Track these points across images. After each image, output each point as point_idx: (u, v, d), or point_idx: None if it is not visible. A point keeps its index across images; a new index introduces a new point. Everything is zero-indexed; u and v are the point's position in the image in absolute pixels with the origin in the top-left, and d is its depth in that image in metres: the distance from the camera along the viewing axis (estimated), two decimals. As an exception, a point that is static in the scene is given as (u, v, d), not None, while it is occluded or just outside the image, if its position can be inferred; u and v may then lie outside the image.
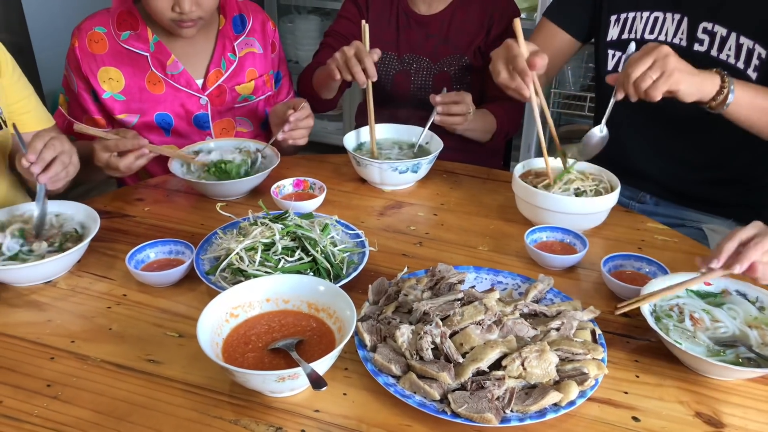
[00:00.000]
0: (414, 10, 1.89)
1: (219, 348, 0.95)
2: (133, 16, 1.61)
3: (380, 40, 1.87)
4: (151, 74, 1.63)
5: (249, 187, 1.51)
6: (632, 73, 1.20)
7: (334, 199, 1.50)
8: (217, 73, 1.69)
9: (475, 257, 1.30)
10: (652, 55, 1.19)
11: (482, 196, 1.54)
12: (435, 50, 1.87)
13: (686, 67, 1.21)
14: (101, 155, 1.41)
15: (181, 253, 1.23)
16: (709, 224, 1.59)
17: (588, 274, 1.25)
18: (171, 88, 1.65)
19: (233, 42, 1.71)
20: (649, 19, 1.52)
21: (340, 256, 1.20)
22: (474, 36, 1.85)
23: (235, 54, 1.71)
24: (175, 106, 1.66)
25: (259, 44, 1.77)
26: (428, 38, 1.87)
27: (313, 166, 1.68)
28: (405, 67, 1.89)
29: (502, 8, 1.85)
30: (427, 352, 0.95)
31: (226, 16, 1.71)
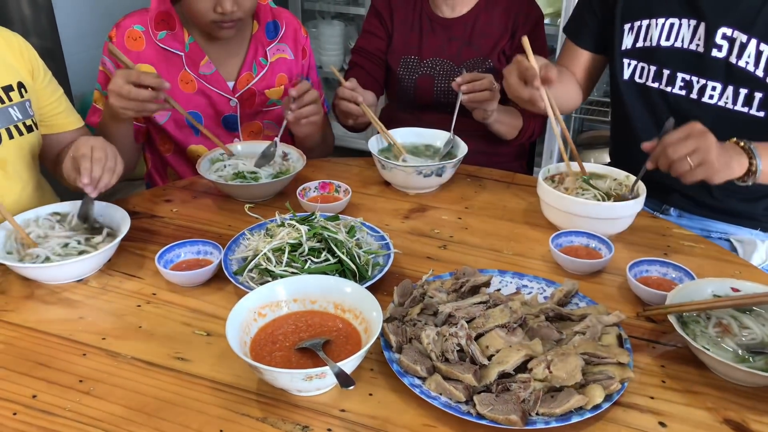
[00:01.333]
0: (437, 14, 1.90)
1: (247, 347, 0.97)
2: (170, 17, 1.64)
3: (404, 44, 1.91)
4: (183, 73, 1.66)
5: (275, 190, 1.52)
6: (671, 155, 1.19)
7: (359, 202, 1.51)
8: (248, 77, 1.72)
9: (499, 261, 1.30)
10: (694, 140, 1.18)
11: (506, 201, 1.54)
12: (458, 53, 1.87)
13: (721, 153, 1.20)
14: (117, 80, 1.39)
15: (209, 253, 1.25)
16: (736, 235, 1.57)
17: (613, 279, 1.24)
18: (202, 88, 1.68)
19: (266, 47, 1.74)
20: (664, 25, 1.50)
21: (366, 257, 1.21)
22: (498, 39, 1.86)
23: (266, 59, 1.74)
24: (206, 106, 1.69)
25: (291, 50, 1.79)
26: (451, 41, 1.88)
27: (338, 169, 1.69)
28: (428, 71, 1.89)
29: (527, 12, 1.86)
30: (453, 354, 0.96)
31: (259, 21, 1.74)
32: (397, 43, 1.92)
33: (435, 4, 1.90)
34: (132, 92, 1.38)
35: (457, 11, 1.88)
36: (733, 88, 1.43)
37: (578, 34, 1.71)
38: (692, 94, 1.48)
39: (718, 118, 1.44)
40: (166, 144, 1.76)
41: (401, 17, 1.92)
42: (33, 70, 1.48)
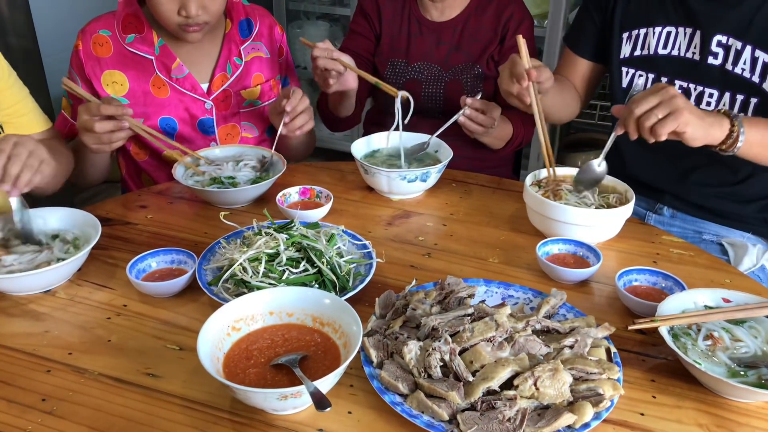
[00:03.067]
0: (426, 17, 1.85)
1: (220, 363, 0.92)
2: (138, 19, 1.59)
3: (391, 47, 1.86)
4: (155, 78, 1.60)
5: (254, 196, 1.48)
6: (636, 110, 1.16)
7: (341, 207, 1.47)
8: (222, 78, 1.67)
9: (485, 269, 1.26)
10: (658, 95, 1.16)
11: (492, 206, 1.51)
12: (447, 58, 1.83)
13: (694, 109, 1.18)
14: (82, 116, 1.37)
15: (183, 262, 1.20)
16: (728, 238, 1.54)
17: (602, 288, 1.21)
18: (176, 92, 1.62)
19: (239, 46, 1.69)
20: (661, 34, 1.49)
21: (347, 267, 1.16)
22: (487, 44, 1.81)
23: (241, 58, 1.69)
24: (180, 110, 1.64)
25: (266, 48, 1.74)
26: (440, 45, 1.84)
27: (320, 174, 1.65)
28: (416, 75, 1.85)
29: (517, 16, 1.81)
30: (436, 369, 0.92)
31: (232, 20, 1.69)
32: (385, 45, 1.88)
33: (424, 6, 1.85)
34: (96, 126, 1.36)
35: (447, 15, 1.84)
36: (729, 94, 1.42)
37: (577, 43, 1.70)
38: (690, 100, 1.45)
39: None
40: (140, 150, 1.70)
41: (389, 19, 1.88)
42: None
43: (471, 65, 1.82)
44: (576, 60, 1.70)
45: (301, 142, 1.71)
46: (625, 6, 1.56)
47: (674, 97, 1.15)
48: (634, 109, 1.17)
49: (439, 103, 1.84)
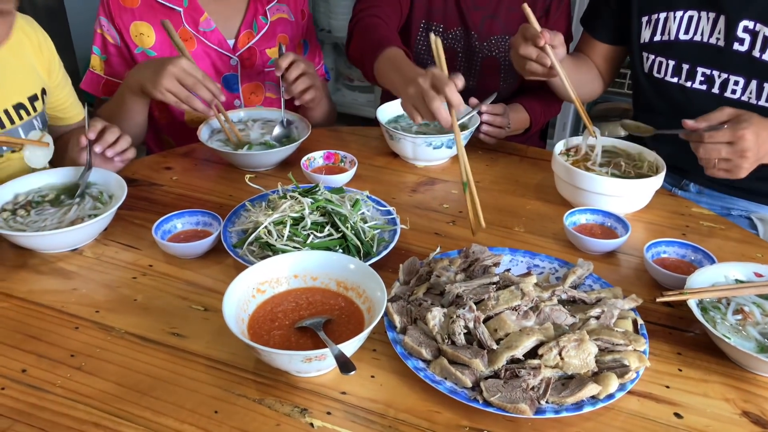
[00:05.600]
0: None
1: (245, 324, 0.92)
2: None
3: (427, 6, 1.70)
4: (182, 30, 1.59)
5: (279, 159, 1.47)
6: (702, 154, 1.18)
7: (365, 173, 1.46)
8: (248, 35, 1.65)
9: (510, 239, 1.25)
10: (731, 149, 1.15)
11: (519, 175, 1.49)
12: (482, 25, 1.70)
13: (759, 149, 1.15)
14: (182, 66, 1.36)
15: (208, 224, 1.21)
16: (757, 213, 1.51)
17: (629, 260, 1.19)
18: (202, 46, 1.62)
19: (265, 6, 1.67)
20: (683, 18, 1.42)
21: (371, 233, 1.16)
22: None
23: (267, 17, 1.67)
24: (206, 64, 1.63)
25: (291, 11, 1.72)
26: (476, 10, 1.69)
27: (345, 138, 1.64)
28: (451, 43, 1.72)
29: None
30: (460, 336, 0.91)
31: None
32: (420, 1, 1.69)
33: None
34: (196, 86, 1.36)
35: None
36: (757, 82, 1.36)
37: (594, 26, 1.63)
38: (714, 88, 1.41)
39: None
40: (163, 112, 1.70)
41: None
42: (50, 68, 1.45)
43: (509, 39, 1.70)
44: (595, 43, 1.64)
45: (316, 113, 1.68)
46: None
47: (741, 164, 1.15)
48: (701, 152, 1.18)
49: (474, 80, 1.74)
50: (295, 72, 1.50)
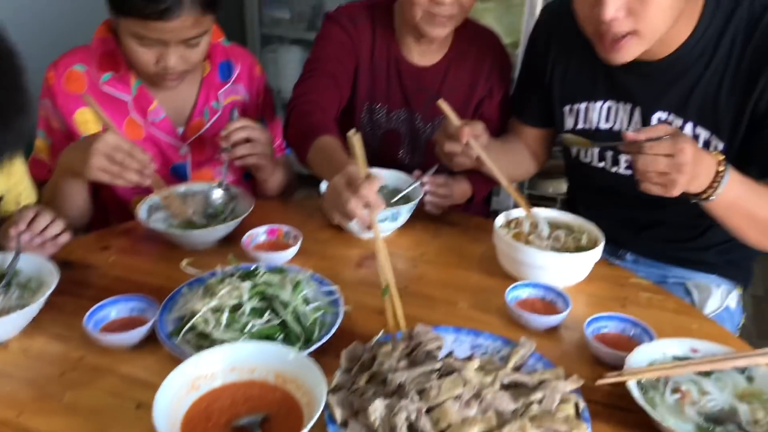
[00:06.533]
0: (407, 58, 1.69)
1: (178, 425, 0.89)
2: (115, 58, 1.55)
3: (370, 88, 1.70)
4: (130, 120, 1.57)
5: (219, 236, 1.44)
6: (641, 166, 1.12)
7: (310, 248, 1.44)
8: (199, 123, 1.64)
9: (455, 315, 1.24)
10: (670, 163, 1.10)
11: (464, 246, 1.49)
12: (425, 107, 1.69)
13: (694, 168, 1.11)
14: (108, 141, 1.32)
15: (144, 311, 1.17)
16: (692, 280, 1.55)
17: (571, 335, 1.20)
18: (151, 135, 1.59)
19: (218, 90, 1.66)
20: (602, 108, 1.45)
21: (313, 316, 1.14)
22: (468, 95, 1.70)
23: (219, 102, 1.66)
24: (154, 153, 1.59)
25: (246, 91, 1.72)
26: (420, 92, 1.69)
27: (290, 210, 1.62)
28: (395, 125, 1.73)
29: (500, 64, 1.70)
30: (402, 430, 0.89)
31: (211, 62, 1.66)
32: (363, 84, 1.69)
33: (406, 47, 1.68)
34: (125, 161, 1.32)
35: (428, 59, 1.68)
36: None
37: (521, 111, 1.65)
38: None
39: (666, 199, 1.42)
40: (108, 191, 1.64)
41: (367, 55, 1.68)
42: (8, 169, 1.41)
43: None
44: (524, 126, 1.65)
45: (270, 185, 1.66)
46: (562, 78, 1.50)
47: (676, 181, 1.11)
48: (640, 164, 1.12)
49: (419, 157, 1.75)
50: (238, 135, 1.48)
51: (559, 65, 1.50)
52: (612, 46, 1.25)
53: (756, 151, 1.26)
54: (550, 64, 1.52)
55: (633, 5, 1.18)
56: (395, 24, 1.67)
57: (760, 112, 1.28)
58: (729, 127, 1.22)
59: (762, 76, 1.25)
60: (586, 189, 1.61)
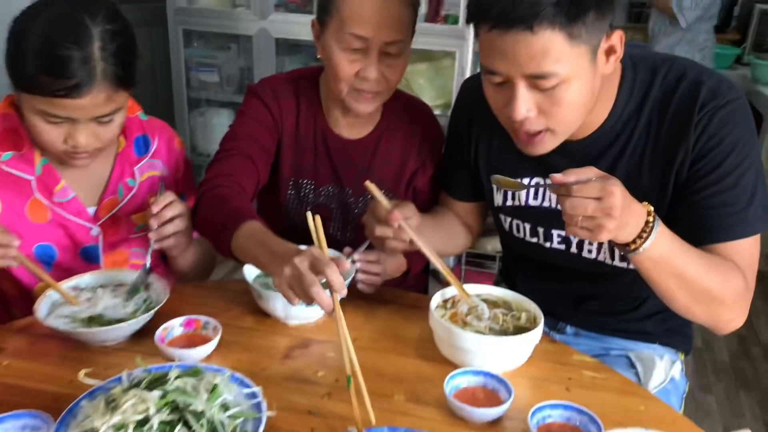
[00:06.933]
0: (335, 132, 1.61)
1: None
2: (17, 135, 1.42)
3: (296, 164, 1.62)
4: (33, 201, 1.43)
5: (131, 332, 1.31)
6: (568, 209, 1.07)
7: (231, 339, 1.33)
8: (112, 201, 1.52)
9: (390, 410, 1.15)
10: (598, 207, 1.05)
11: (400, 328, 1.41)
12: (356, 181, 1.61)
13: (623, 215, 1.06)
14: None
15: (38, 429, 1.02)
16: (635, 351, 1.51)
17: (515, 426, 1.12)
18: (57, 217, 1.45)
19: (134, 166, 1.55)
20: (529, 185, 1.41)
21: (232, 425, 1.02)
22: (400, 168, 1.63)
23: (134, 179, 1.55)
24: (61, 236, 1.46)
25: (164, 166, 1.61)
26: (350, 166, 1.62)
27: (210, 296, 1.50)
28: (324, 201, 1.65)
29: (432, 136, 1.64)
30: None
31: (127, 137, 1.55)
32: (286, 159, 1.61)
33: (333, 119, 1.60)
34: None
35: (357, 132, 1.61)
36: (608, 243, 1.35)
37: (450, 186, 1.61)
38: (572, 248, 1.42)
39: (600, 273, 1.41)
40: (7, 282, 1.49)
41: (292, 129, 1.59)
42: None
43: (386, 193, 1.57)
44: (454, 201, 1.61)
45: (182, 262, 1.54)
46: (487, 155, 1.45)
47: (602, 226, 1.05)
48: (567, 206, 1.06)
49: (350, 233, 1.68)
50: (170, 212, 1.38)
51: (483, 141, 1.46)
52: (527, 141, 1.24)
53: (681, 221, 1.24)
54: (474, 140, 1.49)
55: (544, 105, 1.17)
56: (321, 96, 1.62)
57: (680, 184, 1.27)
58: (654, 201, 1.20)
59: (680, 148, 1.24)
60: (521, 262, 1.57)
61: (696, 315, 1.24)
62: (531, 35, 1.08)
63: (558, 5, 1.05)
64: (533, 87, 1.15)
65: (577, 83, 1.15)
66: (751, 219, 1.22)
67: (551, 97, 1.15)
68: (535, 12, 1.05)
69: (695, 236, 1.21)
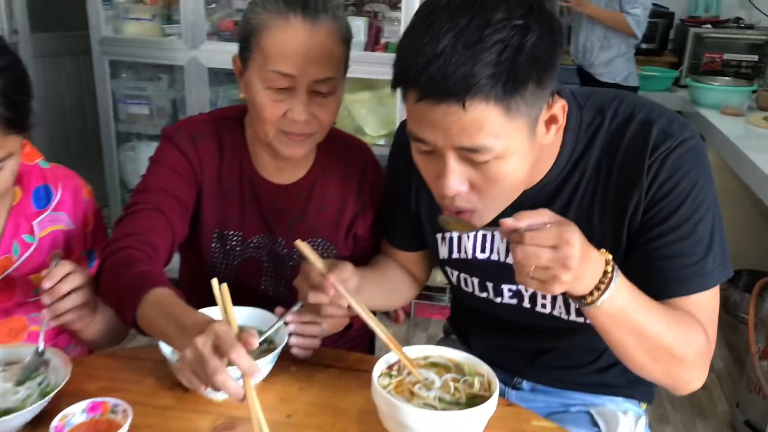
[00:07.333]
0: (264, 177, 1.45)
1: None
2: None
3: (220, 214, 1.44)
4: None
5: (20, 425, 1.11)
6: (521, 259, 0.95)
7: (146, 422, 1.14)
8: (5, 261, 1.33)
9: (328, 506, 0.99)
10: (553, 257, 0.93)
11: (340, 398, 1.25)
12: (289, 230, 1.46)
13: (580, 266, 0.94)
14: None
15: None
16: (597, 407, 1.39)
17: None
18: None
19: (32, 220, 1.36)
20: (477, 237, 1.30)
21: None
22: (338, 215, 1.48)
23: (33, 235, 1.36)
24: None
25: (69, 219, 1.43)
26: (281, 214, 1.46)
27: (122, 369, 1.30)
28: (254, 254, 1.48)
29: (372, 179, 1.49)
30: None
31: (24, 188, 1.36)
32: (208, 209, 1.43)
33: (261, 164, 1.44)
34: None
35: (289, 176, 1.45)
36: (563, 297, 1.25)
37: (391, 236, 1.47)
38: (524, 303, 1.31)
39: (556, 327, 1.30)
40: None
41: (213, 175, 1.42)
42: None
43: (323, 243, 1.48)
44: (396, 250, 1.47)
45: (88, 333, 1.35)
46: (430, 202, 1.27)
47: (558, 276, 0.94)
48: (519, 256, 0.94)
49: (284, 288, 1.51)
50: (67, 286, 1.20)
51: (424, 190, 1.31)
52: (455, 213, 1.11)
53: (635, 273, 1.14)
54: (415, 188, 1.36)
55: (477, 181, 1.05)
56: (247, 138, 1.46)
57: (633, 233, 1.16)
58: (609, 248, 1.09)
59: (633, 195, 1.13)
60: (473, 314, 1.44)
61: (653, 374, 1.13)
62: (462, 110, 0.95)
63: (494, 78, 0.92)
64: (465, 160, 1.02)
65: (514, 159, 1.02)
66: (709, 270, 1.11)
67: (485, 173, 1.03)
68: (467, 85, 0.92)
69: (651, 289, 1.10)
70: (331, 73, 1.29)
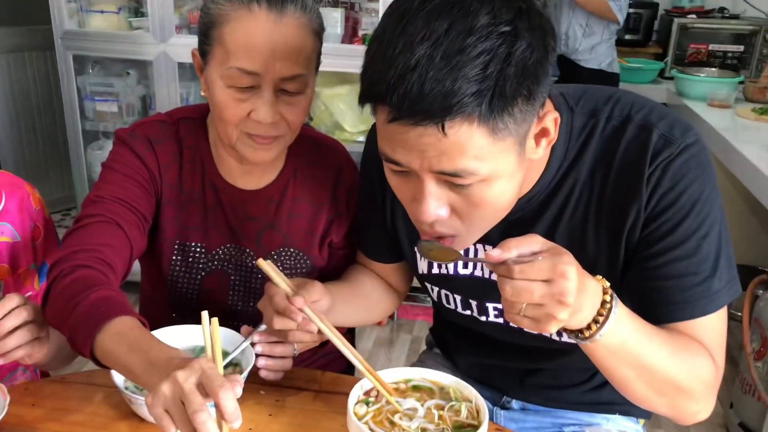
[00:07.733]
0: (229, 182, 1.33)
1: None
2: None
3: (180, 223, 1.32)
4: None
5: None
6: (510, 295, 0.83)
7: (95, 460, 1.03)
8: None
9: None
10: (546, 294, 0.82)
11: (313, 425, 1.14)
12: (258, 239, 1.34)
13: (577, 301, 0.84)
14: None
15: None
16: (591, 426, 1.30)
17: None
18: None
19: None
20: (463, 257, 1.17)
21: None
22: (312, 222, 1.36)
23: None
24: None
25: (15, 230, 1.29)
26: (250, 222, 1.34)
27: (71, 397, 1.18)
28: (219, 266, 1.36)
29: (348, 183, 1.36)
30: None
31: None
32: (168, 219, 1.31)
33: (226, 169, 1.32)
34: None
35: (257, 181, 1.33)
36: None
37: (366, 246, 1.35)
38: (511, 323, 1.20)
39: (547, 348, 1.20)
40: None
41: (173, 181, 1.30)
42: None
43: (296, 253, 1.36)
44: (373, 262, 1.35)
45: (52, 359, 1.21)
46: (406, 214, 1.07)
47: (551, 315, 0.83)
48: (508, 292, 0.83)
49: (253, 303, 1.35)
50: (11, 322, 1.07)
51: (399, 204, 1.15)
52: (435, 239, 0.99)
53: (633, 294, 1.03)
54: (390, 203, 1.24)
55: (458, 205, 0.93)
56: (210, 140, 1.33)
57: (632, 249, 1.04)
58: (604, 271, 0.98)
59: (631, 207, 1.01)
60: (456, 332, 1.34)
61: (656, 407, 1.03)
62: (441, 133, 0.82)
63: (478, 95, 0.80)
64: (445, 183, 0.90)
65: (501, 182, 0.90)
66: (716, 291, 1.00)
67: (468, 197, 0.91)
68: (447, 105, 0.79)
69: (651, 313, 0.99)
70: (300, 70, 1.16)
